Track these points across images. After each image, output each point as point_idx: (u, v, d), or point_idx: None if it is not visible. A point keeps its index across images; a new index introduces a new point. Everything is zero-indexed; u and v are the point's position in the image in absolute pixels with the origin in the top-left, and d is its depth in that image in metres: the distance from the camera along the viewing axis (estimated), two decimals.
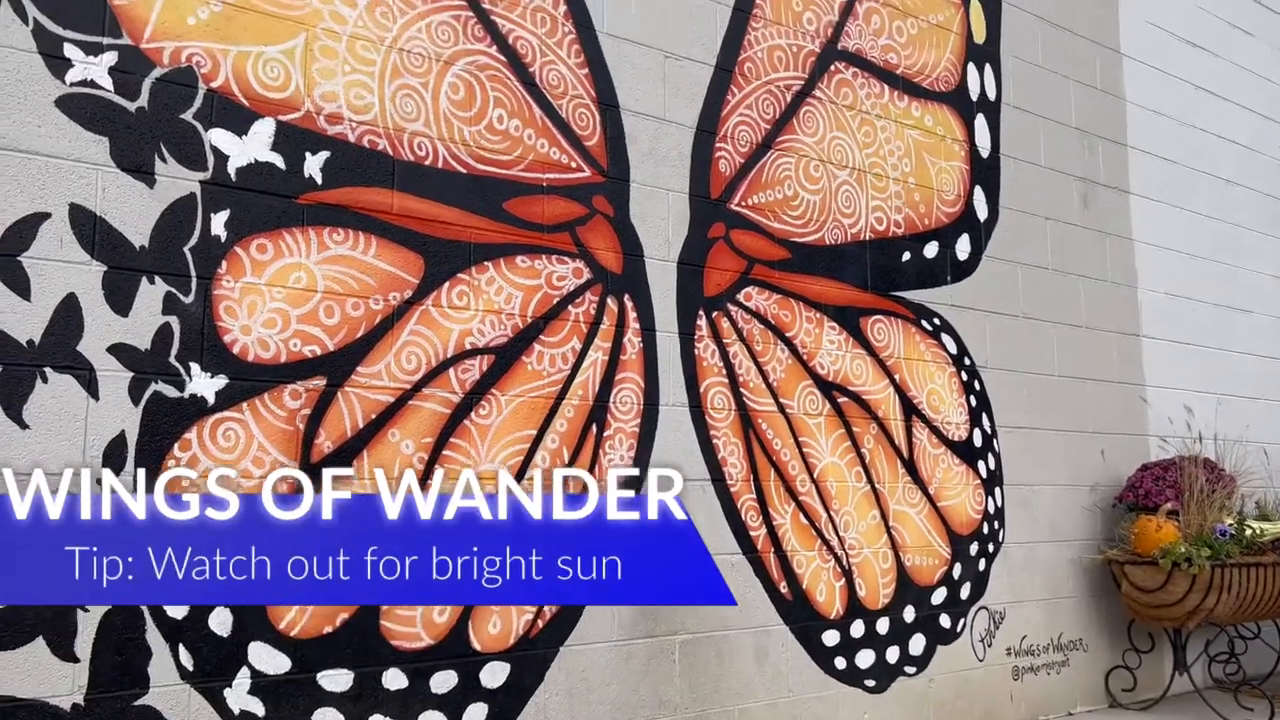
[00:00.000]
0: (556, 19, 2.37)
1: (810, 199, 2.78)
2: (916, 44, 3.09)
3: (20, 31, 1.69)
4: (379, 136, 2.08)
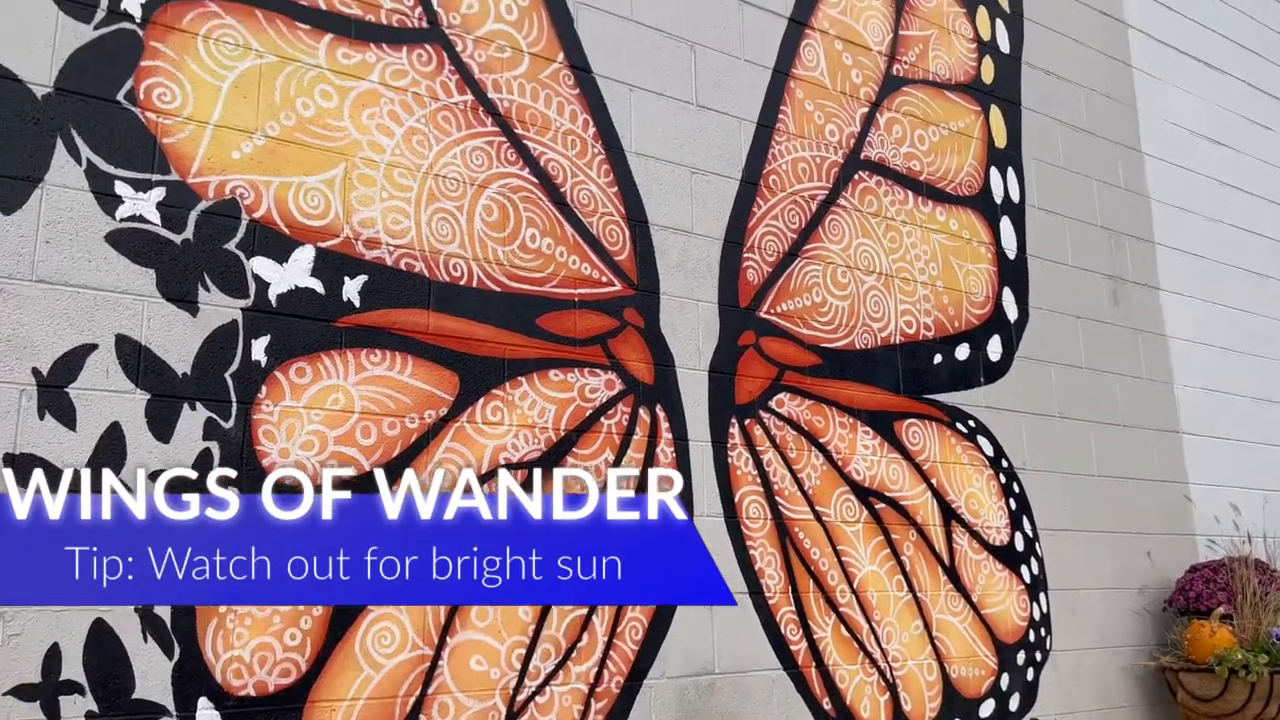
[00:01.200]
0: (586, 140, 2.44)
1: (839, 305, 2.80)
2: (938, 151, 3.15)
3: (74, 171, 1.77)
4: (415, 259, 2.13)
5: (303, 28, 2.06)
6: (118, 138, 1.82)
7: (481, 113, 2.29)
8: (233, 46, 1.97)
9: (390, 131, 2.15)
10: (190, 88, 1.91)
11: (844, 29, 2.99)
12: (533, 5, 2.41)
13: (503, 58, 2.34)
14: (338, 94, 2.09)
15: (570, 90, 2.44)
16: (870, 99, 3.01)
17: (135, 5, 1.87)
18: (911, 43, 3.15)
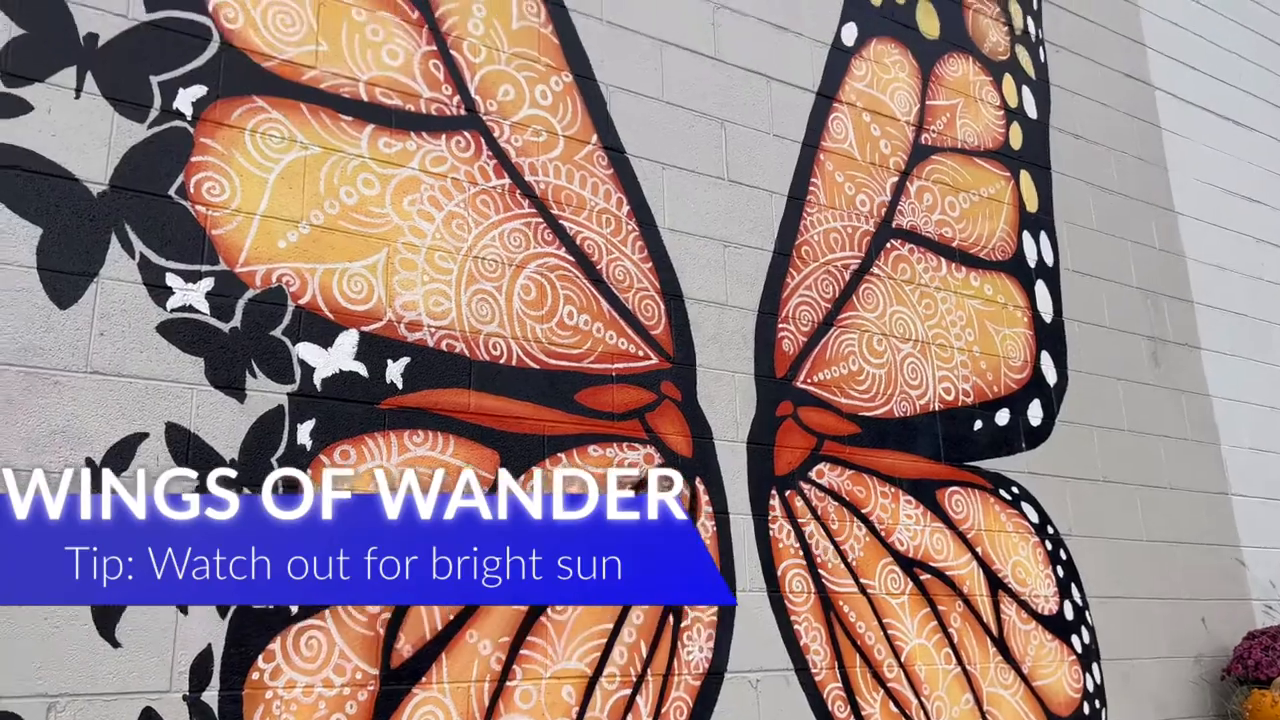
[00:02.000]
0: (620, 218, 2.48)
1: (876, 373, 2.80)
2: (970, 217, 3.16)
3: (128, 265, 1.82)
4: (456, 340, 2.16)
5: (346, 119, 2.13)
6: (169, 231, 1.87)
7: (519, 195, 2.34)
8: (279, 139, 2.04)
9: (431, 216, 2.20)
10: (238, 180, 1.97)
11: (871, 101, 3.03)
12: (566, 90, 2.47)
13: (539, 141, 2.40)
14: (380, 182, 2.14)
15: (604, 170, 2.49)
16: (900, 168, 3.04)
17: (186, 104, 1.94)
18: (939, 112, 3.19)
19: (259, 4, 2.06)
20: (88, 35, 1.87)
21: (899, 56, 3.14)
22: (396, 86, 2.21)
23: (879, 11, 3.14)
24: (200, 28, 1.98)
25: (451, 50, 2.31)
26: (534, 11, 2.46)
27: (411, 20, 2.26)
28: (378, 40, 2.21)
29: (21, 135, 1.77)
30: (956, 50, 3.30)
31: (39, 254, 1.74)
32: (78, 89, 1.84)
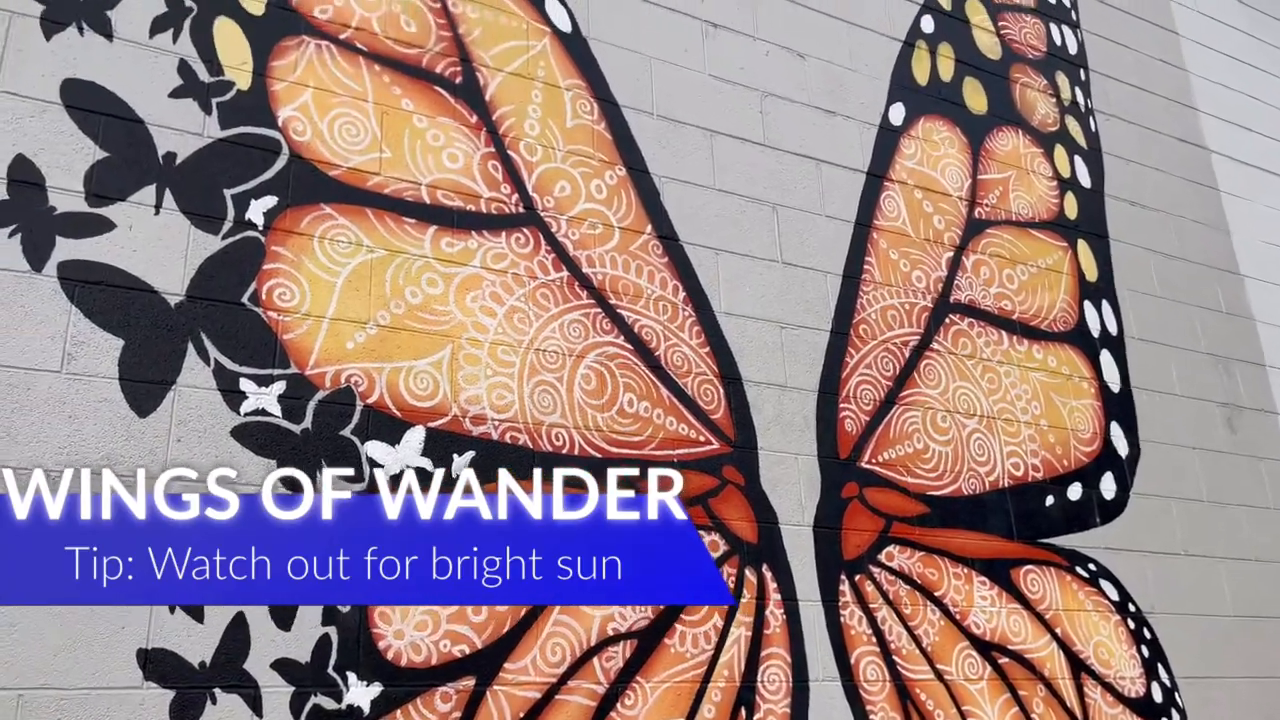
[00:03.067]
0: (677, 305, 2.50)
1: (941, 450, 2.76)
2: (1028, 289, 3.13)
3: (203, 372, 1.88)
4: (520, 431, 2.18)
5: (409, 222, 2.20)
6: (242, 337, 1.93)
7: (577, 286, 2.37)
8: (346, 244, 2.10)
9: (493, 312, 2.24)
10: (308, 285, 2.03)
11: (922, 178, 3.05)
12: (620, 184, 2.53)
13: (595, 234, 2.44)
14: (443, 280, 2.20)
15: (659, 258, 2.52)
16: (955, 243, 3.03)
17: (258, 214, 2.02)
18: (991, 185, 3.19)
19: (326, 116, 2.15)
20: (166, 154, 1.96)
21: (948, 133, 3.17)
22: (457, 188, 2.28)
23: (925, 90, 3.17)
24: (271, 141, 2.07)
25: (509, 150, 2.38)
26: (587, 110, 2.53)
27: (470, 124, 2.34)
28: (438, 145, 2.28)
29: (105, 252, 1.86)
30: (1005, 124, 3.31)
31: (120, 365, 1.81)
32: (157, 205, 1.93)
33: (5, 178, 1.81)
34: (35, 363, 1.74)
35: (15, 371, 1.72)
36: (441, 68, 2.34)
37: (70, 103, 1.91)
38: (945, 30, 3.30)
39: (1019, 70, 3.43)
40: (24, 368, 1.73)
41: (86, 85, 1.93)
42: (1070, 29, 3.66)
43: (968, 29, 3.36)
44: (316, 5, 2.21)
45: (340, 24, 2.23)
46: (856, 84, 3.04)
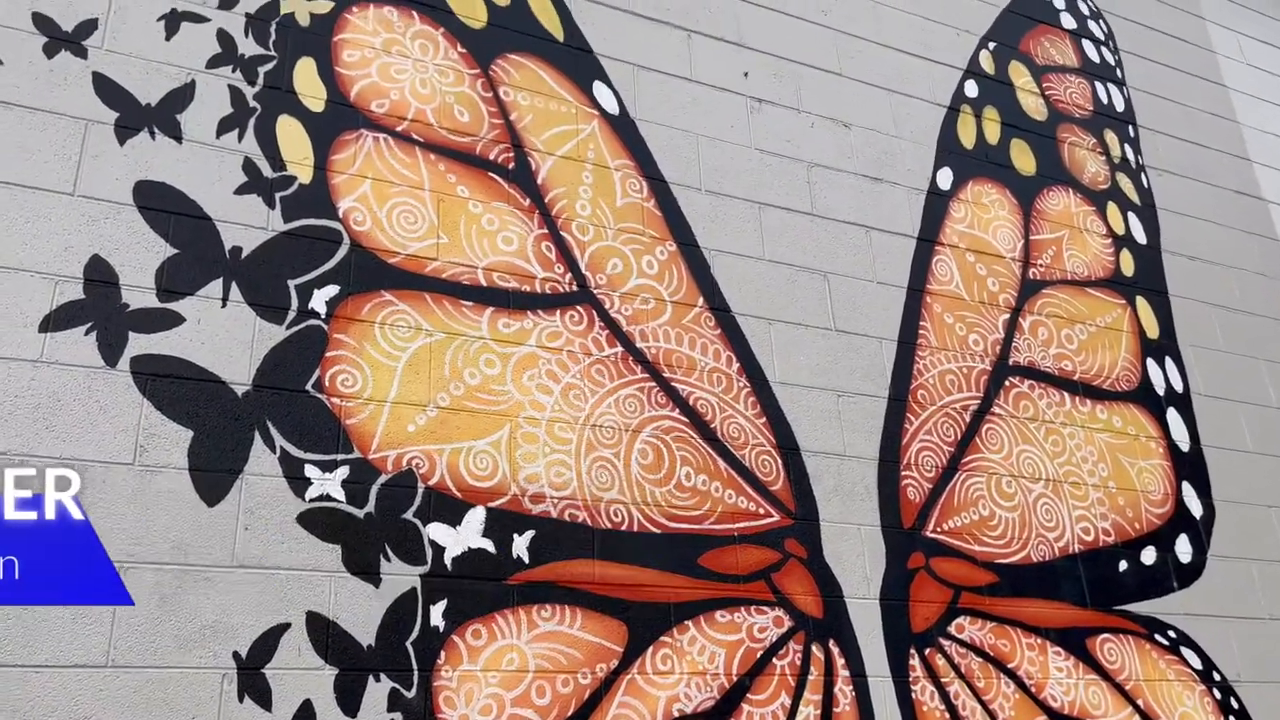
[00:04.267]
0: (731, 376, 2.50)
1: (1008, 517, 2.69)
2: (1088, 348, 3.08)
3: (269, 460, 1.92)
4: (579, 509, 2.18)
5: (467, 304, 2.23)
6: (307, 424, 1.97)
7: (632, 361, 2.39)
8: (405, 329, 2.14)
9: (549, 390, 2.26)
10: (369, 371, 2.07)
11: (973, 241, 3.04)
12: (671, 259, 2.55)
13: (647, 309, 2.46)
14: (500, 361, 2.22)
15: (712, 331, 2.53)
16: (1010, 305, 3.01)
17: (321, 303, 2.07)
18: (1044, 245, 3.17)
19: (384, 205, 2.21)
20: (232, 248, 2.03)
21: (997, 195, 3.16)
22: (512, 269, 2.32)
23: (972, 154, 3.18)
24: (332, 232, 2.13)
25: (562, 231, 2.42)
26: (637, 188, 2.57)
27: (523, 207, 2.39)
28: (493, 228, 2.33)
29: (175, 345, 1.91)
30: (1055, 183, 3.30)
31: (190, 455, 1.85)
32: (224, 298, 1.99)
33: (82, 277, 1.88)
34: (110, 456, 1.78)
35: (91, 465, 1.76)
36: (495, 154, 2.40)
37: (142, 203, 1.98)
38: (989, 94, 3.31)
39: (1066, 129, 3.42)
40: (99, 461, 1.77)
41: (157, 186, 2.01)
42: (1116, 86, 3.65)
43: (1012, 91, 3.37)
44: (374, 100, 2.29)
45: (397, 117, 2.31)
46: (903, 150, 3.05)
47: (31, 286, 1.84)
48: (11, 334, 1.79)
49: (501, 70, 2.50)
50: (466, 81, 2.44)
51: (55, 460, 1.75)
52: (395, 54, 2.36)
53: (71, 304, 1.86)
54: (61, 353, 1.81)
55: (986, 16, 3.47)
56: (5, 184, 1.88)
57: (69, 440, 1.77)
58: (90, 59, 2.04)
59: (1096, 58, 3.67)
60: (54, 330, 1.82)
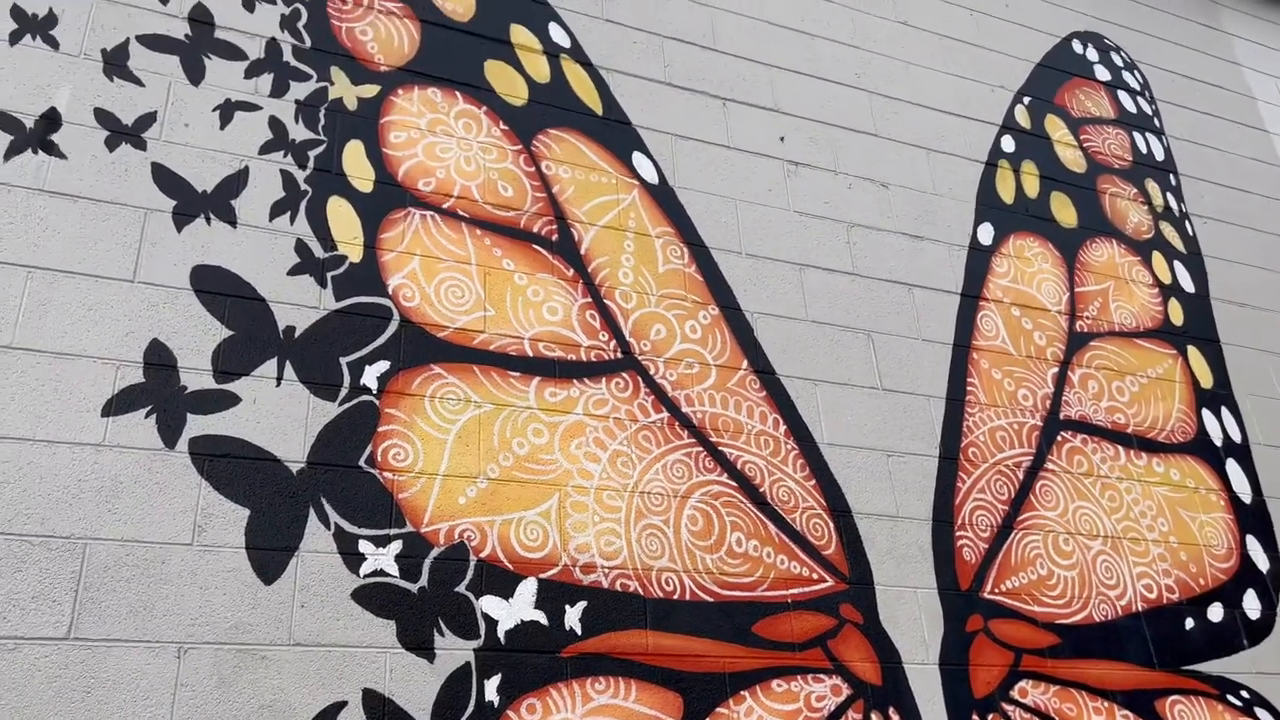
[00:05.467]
0: (779, 439, 2.49)
1: (1067, 575, 2.63)
2: (1140, 400, 3.03)
3: (324, 536, 1.93)
4: (630, 578, 2.17)
5: (514, 375, 2.26)
6: (360, 499, 1.99)
7: (678, 426, 2.39)
8: (455, 401, 2.17)
9: (597, 458, 2.26)
10: (420, 444, 2.09)
11: (1018, 295, 3.02)
12: (714, 322, 2.56)
13: (692, 373, 2.47)
14: (548, 430, 2.24)
15: (757, 393, 2.53)
16: (1058, 358, 2.97)
17: (372, 379, 2.10)
18: (1090, 297, 3.14)
19: (432, 280, 2.26)
20: (286, 328, 2.07)
21: (1039, 248, 3.14)
22: (558, 339, 2.34)
23: (1012, 209, 3.17)
24: (382, 309, 2.18)
25: (605, 299, 2.45)
26: (678, 254, 2.60)
27: (567, 277, 2.42)
28: (538, 299, 2.36)
29: (231, 425, 1.95)
30: (1098, 235, 3.28)
31: (247, 534, 1.87)
32: (278, 377, 2.02)
33: (142, 361, 1.93)
34: (169, 537, 1.81)
35: (151, 547, 1.79)
36: (538, 227, 2.44)
37: (199, 287, 2.04)
38: (1026, 148, 3.32)
39: (1106, 181, 3.41)
40: (159, 542, 1.80)
41: (213, 270, 2.07)
42: (1155, 136, 3.64)
43: (1049, 145, 3.37)
44: (420, 179, 2.35)
45: (443, 194, 2.36)
46: (942, 207, 3.06)
47: (94, 372, 1.89)
48: (76, 419, 1.83)
49: (543, 145, 2.55)
50: (509, 157, 2.49)
51: (116, 541, 1.78)
52: (440, 133, 2.43)
53: (132, 388, 1.90)
54: (123, 436, 1.85)
55: (1020, 72, 3.49)
56: (69, 273, 1.95)
57: (130, 522, 1.80)
58: (149, 150, 2.12)
59: (1133, 108, 3.66)
60: (115, 414, 1.87)
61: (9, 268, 1.90)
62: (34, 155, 2.02)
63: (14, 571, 1.70)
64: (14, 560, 1.70)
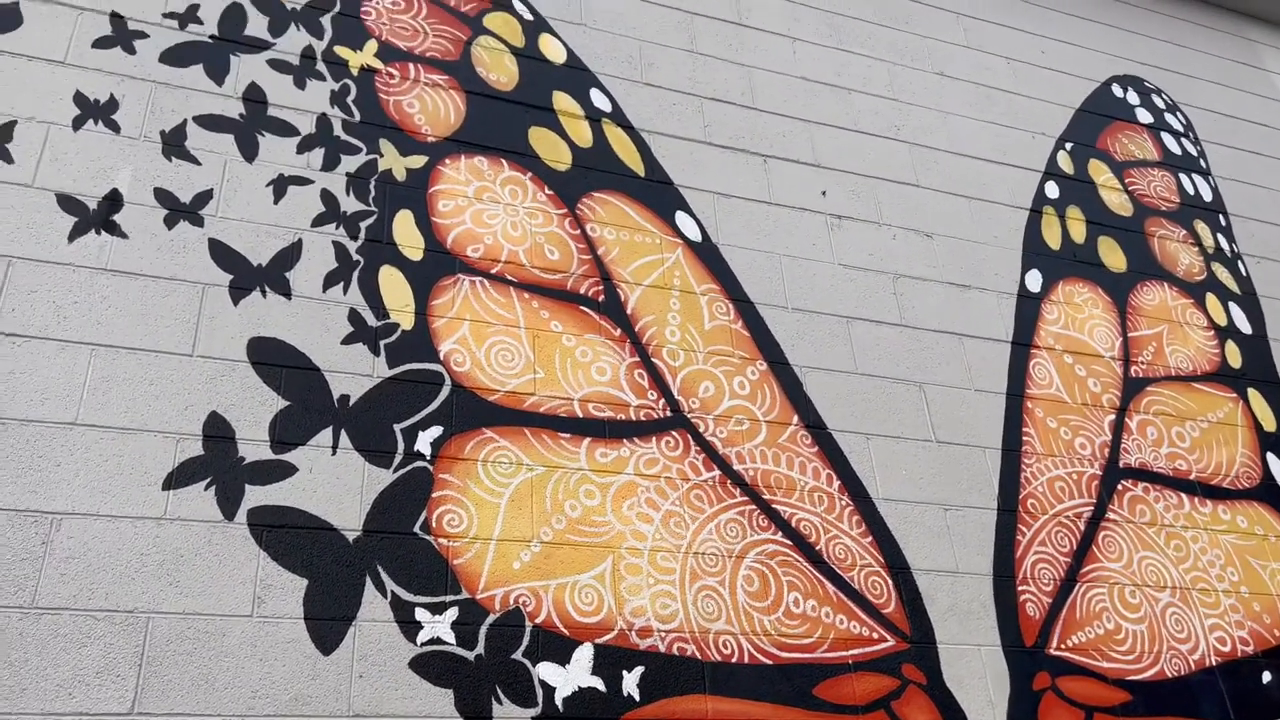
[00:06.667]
0: (833, 494, 2.46)
1: (1135, 629, 2.56)
2: (1202, 446, 2.96)
3: (381, 605, 1.93)
4: (686, 641, 2.14)
5: (564, 436, 2.26)
6: (415, 566, 1.99)
7: (730, 484, 2.37)
8: (507, 465, 2.17)
9: (650, 518, 2.25)
10: (474, 509, 2.09)
11: (1069, 342, 2.98)
12: (762, 378, 2.55)
13: (742, 430, 2.45)
14: (600, 491, 2.23)
15: (809, 449, 2.50)
16: (1115, 405, 2.92)
17: (426, 445, 2.11)
18: (1143, 342, 3.09)
19: (483, 345, 2.27)
20: (340, 397, 2.10)
21: (1089, 294, 3.11)
22: (607, 399, 2.34)
23: (1059, 254, 3.15)
24: (434, 375, 2.19)
25: (653, 358, 2.45)
26: (724, 311, 2.60)
27: (614, 337, 2.43)
28: (586, 360, 2.37)
29: (289, 495, 1.96)
30: (1149, 278, 3.23)
31: (305, 604, 1.88)
32: (334, 446, 2.04)
33: (201, 434, 1.96)
34: (230, 609, 1.82)
35: (213, 619, 1.80)
36: (585, 288, 2.46)
37: (256, 359, 2.07)
38: (1071, 193, 3.30)
39: (1154, 223, 3.37)
40: (220, 614, 1.81)
41: (269, 341, 2.10)
42: (1201, 176, 3.60)
43: (1094, 189, 3.35)
44: (469, 245, 2.39)
45: (491, 259, 2.39)
46: (988, 256, 3.04)
47: (155, 446, 1.92)
48: (139, 493, 1.86)
49: (587, 208, 2.58)
50: (555, 221, 2.52)
51: (178, 614, 1.79)
52: (487, 200, 2.46)
53: (192, 460, 1.93)
54: (183, 509, 1.88)
55: (1060, 118, 3.48)
56: (131, 349, 1.99)
57: (191, 595, 1.81)
58: (206, 226, 2.17)
59: (1178, 149, 3.63)
60: (176, 487, 1.89)
61: (74, 346, 1.95)
62: (97, 236, 2.08)
63: (79, 647, 1.71)
64: (79, 636, 1.72)
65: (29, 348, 1.93)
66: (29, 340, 1.93)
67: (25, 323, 1.95)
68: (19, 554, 1.75)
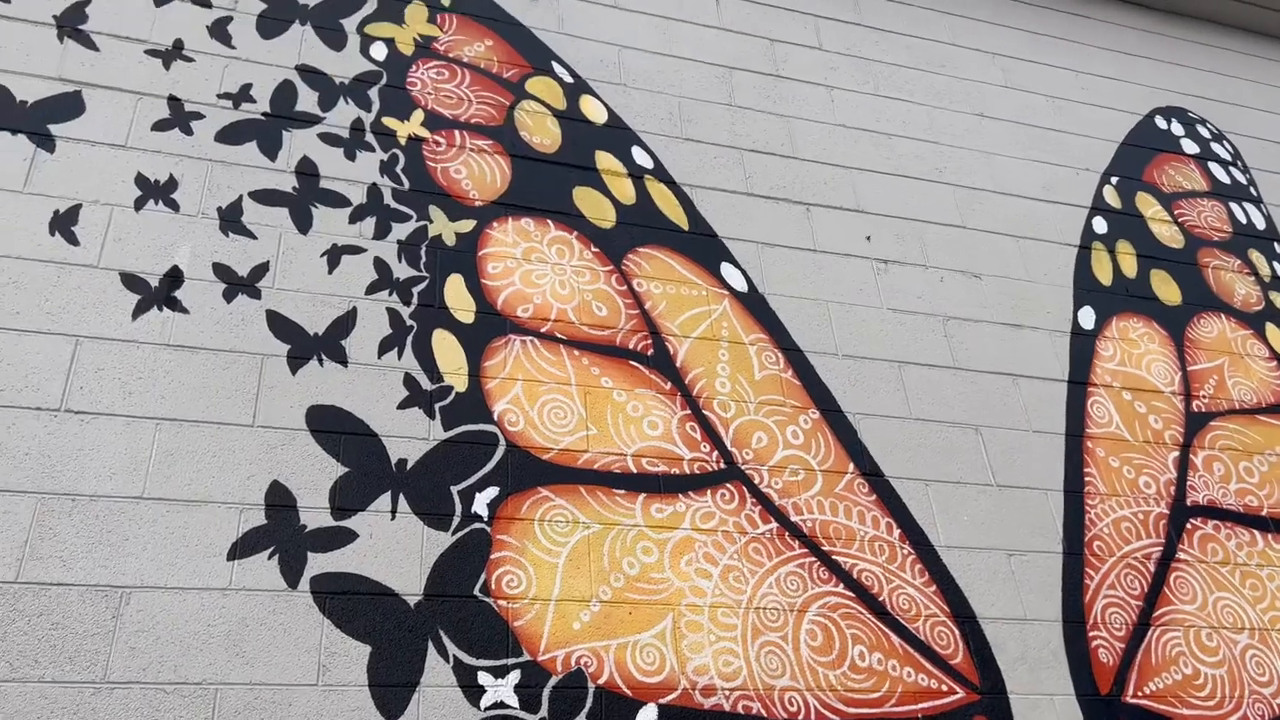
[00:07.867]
0: (893, 543, 2.42)
1: (1214, 674, 2.47)
2: (1272, 480, 2.88)
3: (444, 670, 1.93)
4: (751, 699, 2.10)
5: (619, 492, 2.25)
6: (476, 630, 1.98)
7: (788, 536, 2.34)
8: (564, 523, 2.17)
9: (708, 574, 2.23)
10: (532, 569, 2.09)
11: (1127, 379, 2.92)
12: (816, 426, 2.53)
13: (797, 480, 2.43)
14: (657, 548, 2.21)
15: (867, 497, 2.47)
16: (1178, 441, 2.85)
17: (483, 506, 2.12)
18: (1204, 376, 3.02)
19: (535, 404, 2.29)
20: (398, 461, 2.12)
21: (1145, 329, 3.06)
22: (660, 453, 2.34)
23: (1111, 290, 3.10)
24: (488, 435, 2.21)
25: (704, 410, 2.45)
26: (773, 360, 2.59)
27: (665, 391, 2.43)
28: (638, 415, 2.37)
29: (350, 561, 1.98)
30: (1205, 310, 3.18)
31: (369, 671, 1.88)
32: (393, 510, 2.06)
33: (263, 504, 1.98)
34: (295, 678, 1.83)
35: (278, 689, 1.81)
36: (634, 343, 2.47)
37: (314, 427, 2.10)
38: (1119, 228, 3.26)
39: (1207, 254, 3.32)
40: (285, 684, 1.82)
41: (327, 409, 2.13)
42: (1253, 204, 3.55)
43: (1143, 223, 3.31)
44: (519, 306, 2.41)
45: (540, 319, 2.41)
46: (1039, 294, 3.01)
47: (219, 516, 1.94)
48: (204, 565, 1.88)
49: (633, 264, 2.60)
50: (602, 278, 2.54)
51: (244, 685, 1.80)
52: (535, 260, 2.49)
53: (255, 530, 1.95)
54: (248, 579, 1.89)
55: (1104, 152, 3.45)
56: (194, 422, 2.03)
57: (257, 665, 1.82)
58: (264, 299, 2.22)
59: (1226, 179, 3.59)
60: (240, 557, 1.91)
61: (139, 421, 1.99)
62: (159, 312, 2.14)
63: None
64: (150, 710, 1.73)
65: (97, 424, 1.97)
66: (97, 417, 1.98)
67: (94, 400, 2.00)
68: (90, 629, 1.78)
